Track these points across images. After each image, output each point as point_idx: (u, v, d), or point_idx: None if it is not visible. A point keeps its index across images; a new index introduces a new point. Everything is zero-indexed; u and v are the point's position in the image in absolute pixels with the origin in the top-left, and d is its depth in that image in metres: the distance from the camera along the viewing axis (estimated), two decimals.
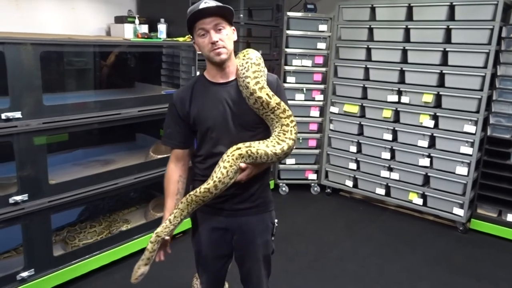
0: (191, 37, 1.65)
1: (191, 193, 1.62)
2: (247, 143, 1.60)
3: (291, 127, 1.63)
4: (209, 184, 1.58)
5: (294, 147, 1.66)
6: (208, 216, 1.76)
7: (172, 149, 1.78)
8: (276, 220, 1.85)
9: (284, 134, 1.62)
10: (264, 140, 1.63)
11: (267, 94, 1.60)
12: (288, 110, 1.64)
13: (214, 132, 1.66)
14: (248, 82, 1.59)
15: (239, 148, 1.58)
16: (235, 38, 1.66)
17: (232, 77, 1.67)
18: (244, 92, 1.62)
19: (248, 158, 1.59)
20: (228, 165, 1.56)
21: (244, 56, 1.68)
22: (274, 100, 1.61)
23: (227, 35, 1.58)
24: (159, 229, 1.65)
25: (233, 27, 1.64)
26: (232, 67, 1.67)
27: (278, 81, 1.74)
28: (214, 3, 1.56)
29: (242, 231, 1.76)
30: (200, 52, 1.64)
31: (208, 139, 1.68)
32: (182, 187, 1.78)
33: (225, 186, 1.59)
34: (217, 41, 1.55)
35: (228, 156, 1.58)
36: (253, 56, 1.67)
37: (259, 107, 1.61)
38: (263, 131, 1.69)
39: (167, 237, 1.67)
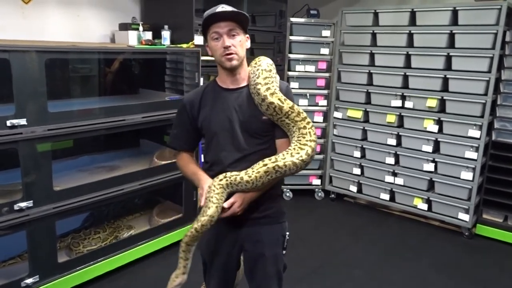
0: (205, 40, 1.65)
1: (226, 176, 1.57)
2: (273, 158, 1.56)
3: (308, 129, 1.59)
4: (244, 177, 1.55)
5: (315, 149, 1.63)
6: (216, 225, 1.71)
7: (177, 151, 1.79)
8: (287, 233, 1.79)
9: (304, 137, 1.58)
10: (287, 150, 1.59)
11: (279, 99, 1.58)
12: (302, 113, 1.61)
13: (220, 138, 1.65)
14: (259, 89, 1.58)
15: (266, 165, 1.54)
16: (248, 45, 1.65)
17: (243, 84, 1.67)
18: (256, 99, 1.61)
19: (275, 174, 1.54)
20: (251, 178, 1.54)
21: (256, 63, 1.68)
22: (287, 104, 1.58)
23: (240, 42, 1.58)
24: (187, 239, 1.59)
25: (247, 35, 1.64)
26: (243, 74, 1.67)
27: (287, 88, 1.71)
28: (231, 9, 1.57)
29: (250, 242, 1.72)
30: (212, 57, 1.64)
31: (214, 145, 1.67)
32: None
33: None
34: (229, 46, 1.55)
35: (253, 171, 1.55)
36: (264, 63, 1.67)
37: (273, 113, 1.59)
38: (270, 140, 1.67)
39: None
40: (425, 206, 3.75)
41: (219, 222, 1.67)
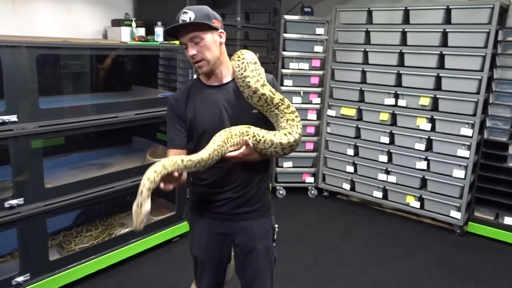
0: None
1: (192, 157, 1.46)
2: (258, 128, 1.58)
3: (296, 122, 1.61)
4: (207, 150, 1.48)
5: (299, 143, 1.64)
6: (207, 221, 1.74)
7: (168, 149, 1.72)
8: (276, 225, 1.83)
9: (291, 128, 1.60)
10: (273, 132, 1.60)
11: (270, 91, 1.60)
12: (291, 106, 1.62)
13: (210, 135, 1.62)
14: (249, 81, 1.59)
15: (249, 128, 1.57)
16: (223, 41, 1.62)
17: (226, 80, 1.67)
18: (245, 92, 1.61)
19: (252, 138, 1.56)
20: (235, 133, 1.54)
21: (239, 57, 1.67)
22: (278, 96, 1.60)
23: (205, 46, 1.55)
24: (167, 163, 1.40)
25: (219, 30, 1.59)
26: (224, 71, 1.66)
27: (274, 80, 1.73)
28: (192, 14, 1.51)
29: (241, 236, 1.74)
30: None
31: (204, 143, 1.63)
32: None
33: (217, 158, 1.50)
34: (194, 55, 1.55)
35: (237, 128, 1.56)
36: (248, 56, 1.67)
37: (263, 104, 1.60)
38: None
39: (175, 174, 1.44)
40: (417, 204, 3.77)
41: (208, 218, 1.70)
